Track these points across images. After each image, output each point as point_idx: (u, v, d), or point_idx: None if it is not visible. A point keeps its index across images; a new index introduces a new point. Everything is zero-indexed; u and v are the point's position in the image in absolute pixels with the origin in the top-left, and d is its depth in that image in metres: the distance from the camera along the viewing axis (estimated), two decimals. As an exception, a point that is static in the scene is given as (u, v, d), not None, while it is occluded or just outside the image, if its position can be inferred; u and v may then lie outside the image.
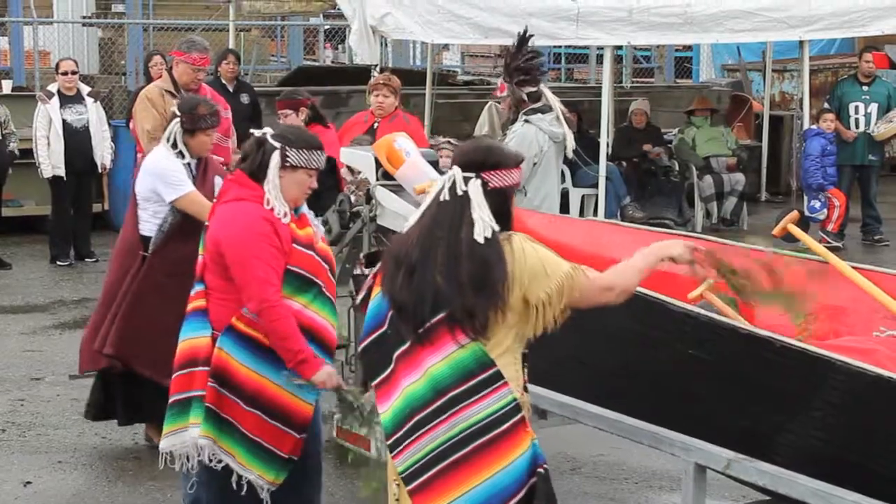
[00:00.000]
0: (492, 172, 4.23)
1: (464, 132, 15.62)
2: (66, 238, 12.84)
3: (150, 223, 7.01)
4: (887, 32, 14.14)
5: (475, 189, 4.18)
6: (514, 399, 4.15)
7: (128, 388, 7.26)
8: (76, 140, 12.52)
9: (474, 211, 4.15)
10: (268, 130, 5.26)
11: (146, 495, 6.88)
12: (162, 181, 6.90)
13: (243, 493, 5.18)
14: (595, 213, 13.42)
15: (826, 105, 14.60)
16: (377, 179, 7.44)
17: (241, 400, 5.12)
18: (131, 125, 9.81)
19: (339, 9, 13.82)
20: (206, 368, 5.15)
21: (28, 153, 12.69)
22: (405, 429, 4.18)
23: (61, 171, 12.48)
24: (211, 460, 5.18)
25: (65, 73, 12.60)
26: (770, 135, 16.83)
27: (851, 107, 14.31)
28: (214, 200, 5.41)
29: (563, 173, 14.18)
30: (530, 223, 6.88)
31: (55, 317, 10.81)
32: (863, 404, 4.61)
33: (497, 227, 4.16)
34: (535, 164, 7.84)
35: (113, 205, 14.39)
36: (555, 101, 8.00)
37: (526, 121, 7.86)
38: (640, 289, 5.30)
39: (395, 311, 4.23)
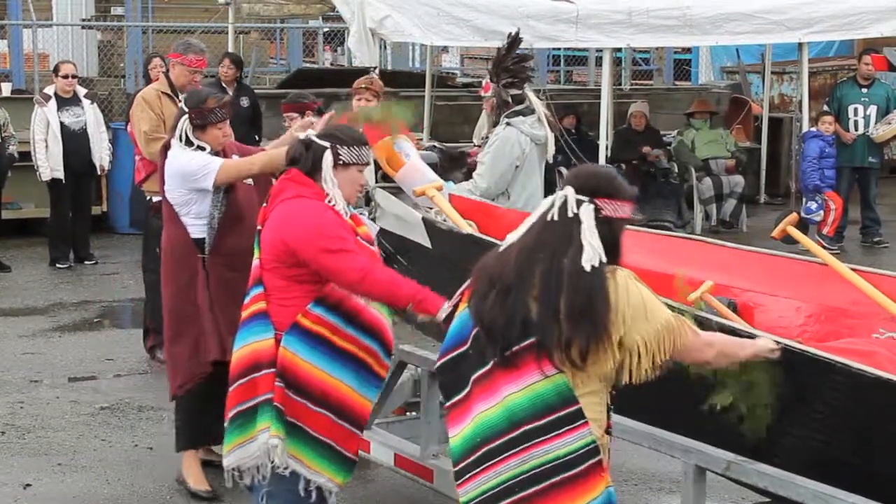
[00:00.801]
0: (606, 200, 3.99)
1: (463, 134, 15.65)
2: (65, 240, 12.84)
3: (196, 225, 6.65)
4: (886, 35, 14.15)
5: (587, 214, 3.95)
6: (594, 441, 3.95)
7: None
8: (74, 142, 12.51)
9: (584, 236, 3.92)
10: (310, 132, 5.19)
11: (146, 498, 6.88)
12: (191, 175, 6.55)
13: (312, 499, 5.01)
14: (594, 215, 13.39)
15: (825, 107, 14.60)
16: (377, 181, 7.44)
17: (308, 400, 4.95)
18: (129, 128, 9.80)
19: (338, 11, 13.80)
20: (271, 370, 4.96)
21: (27, 156, 12.68)
22: (474, 457, 4.00)
23: (60, 174, 12.47)
24: (280, 465, 4.97)
25: (65, 77, 12.59)
26: (769, 137, 16.84)
27: (851, 109, 14.31)
28: (265, 204, 5.19)
29: (562, 175, 14.27)
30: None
31: (54, 319, 10.80)
32: (863, 406, 4.61)
33: (605, 258, 3.92)
34: (517, 166, 7.84)
35: (112, 207, 14.40)
36: (538, 104, 8.00)
37: (507, 123, 7.86)
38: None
39: (481, 330, 4.02)
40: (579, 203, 3.96)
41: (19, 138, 12.84)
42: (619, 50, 17.84)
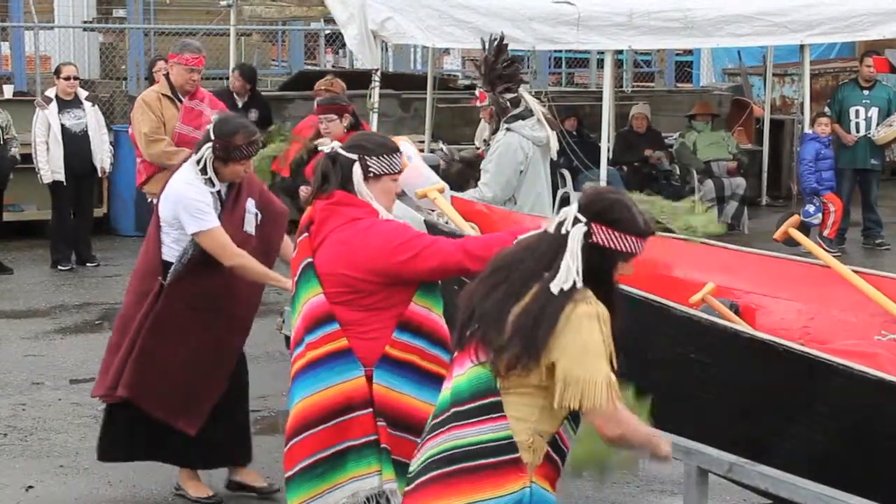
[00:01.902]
0: (603, 227, 3.86)
1: (464, 136, 15.64)
2: (67, 243, 12.84)
3: (172, 248, 6.37)
4: (888, 37, 14.14)
5: (576, 235, 3.85)
6: (509, 436, 3.86)
7: (151, 423, 6.55)
8: (75, 144, 12.51)
9: (565, 258, 3.83)
10: (336, 144, 4.95)
11: (148, 500, 6.88)
12: (185, 210, 6.24)
13: None
14: (596, 217, 13.39)
15: (826, 109, 14.60)
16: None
17: (412, 434, 4.62)
18: (130, 130, 9.80)
19: (339, 14, 13.79)
20: (368, 411, 4.72)
21: (29, 158, 12.68)
22: (426, 430, 4.05)
23: (61, 176, 12.48)
24: None
25: (67, 79, 12.60)
26: (771, 139, 16.84)
27: (852, 111, 14.32)
28: (305, 235, 4.91)
29: (563, 177, 14.30)
30: (532, 228, 6.88)
31: (56, 321, 10.80)
32: (864, 407, 4.62)
33: (579, 284, 3.82)
34: (521, 171, 7.83)
35: (113, 209, 14.41)
36: (534, 105, 7.99)
37: (508, 129, 7.84)
38: (641, 292, 5.32)
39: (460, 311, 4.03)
40: (575, 221, 3.88)
41: (21, 140, 12.84)
42: (621, 52, 17.81)
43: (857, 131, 14.25)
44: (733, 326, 5.11)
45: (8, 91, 15.30)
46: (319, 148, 8.16)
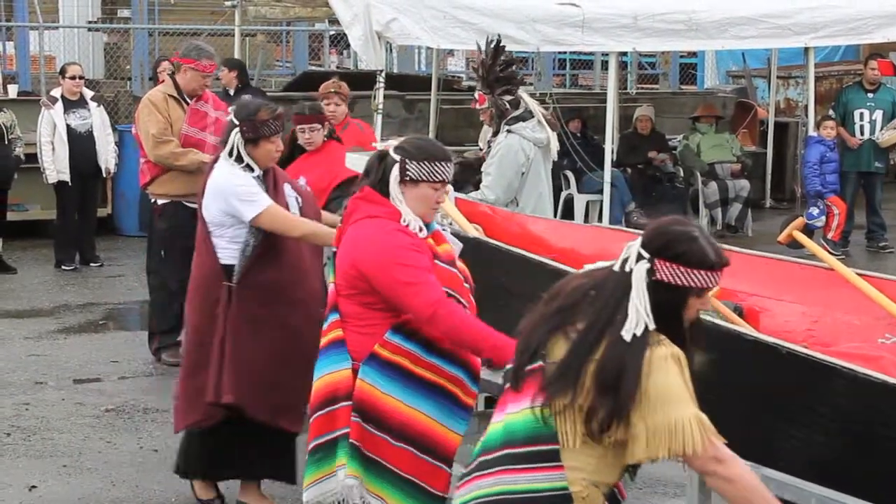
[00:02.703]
0: (667, 263, 3.63)
1: (468, 137, 15.63)
2: (71, 243, 12.85)
3: (228, 250, 6.14)
4: (892, 40, 14.15)
5: (639, 274, 3.64)
6: (565, 488, 3.66)
7: (216, 442, 6.40)
8: (80, 145, 12.52)
9: (632, 300, 3.61)
10: (391, 142, 4.87)
11: (151, 500, 6.88)
12: (237, 198, 6.05)
13: None
14: (600, 219, 13.43)
15: (831, 112, 14.60)
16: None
17: (388, 435, 4.66)
18: (133, 130, 9.76)
19: (344, 15, 13.80)
20: (348, 403, 4.72)
21: (33, 158, 12.70)
22: (474, 464, 3.85)
23: (66, 176, 12.49)
24: None
25: (72, 78, 12.61)
26: (775, 141, 16.85)
27: (856, 114, 14.31)
28: (339, 225, 4.94)
29: (567, 179, 14.30)
30: (536, 229, 6.89)
31: (60, 321, 10.81)
32: (868, 411, 4.61)
33: (651, 326, 3.61)
34: (523, 173, 7.83)
35: (117, 209, 14.42)
36: (534, 105, 7.98)
37: (509, 131, 7.83)
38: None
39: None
40: (639, 258, 3.65)
41: (26, 140, 12.85)
42: (625, 54, 17.84)
43: (862, 134, 14.24)
44: (737, 329, 5.11)
45: (12, 91, 15.31)
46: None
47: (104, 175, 13.00)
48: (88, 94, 12.86)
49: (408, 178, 4.74)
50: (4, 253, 12.79)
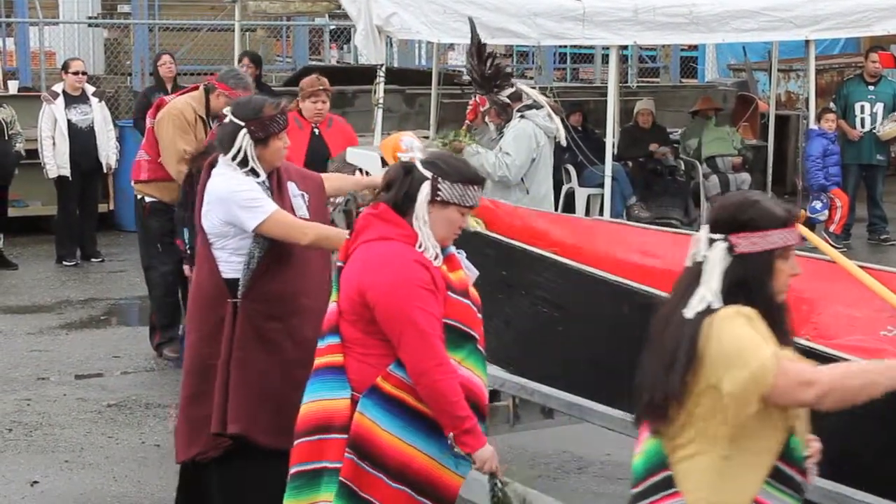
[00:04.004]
0: (742, 235, 3.51)
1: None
2: (72, 238, 12.86)
3: (231, 263, 5.61)
4: (893, 32, 14.11)
5: (718, 253, 3.50)
6: None
7: (225, 475, 5.78)
8: (81, 140, 12.53)
9: (702, 278, 3.48)
10: (416, 154, 4.51)
11: (153, 495, 6.89)
12: (238, 206, 5.53)
13: None
14: (601, 212, 13.42)
15: (831, 105, 14.59)
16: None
17: (385, 475, 4.34)
18: (149, 123, 9.42)
19: (344, 9, 13.80)
20: (343, 436, 4.38)
21: (34, 153, 12.71)
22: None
23: (66, 172, 12.49)
24: None
25: (75, 73, 12.61)
26: (776, 135, 16.80)
27: (857, 106, 14.31)
28: (348, 237, 4.58)
29: (568, 173, 14.29)
30: (538, 224, 6.89)
31: (61, 317, 10.81)
32: (872, 405, 4.60)
33: (718, 303, 3.47)
34: (533, 159, 7.84)
35: (118, 205, 14.41)
36: (538, 96, 8.00)
37: (522, 116, 7.85)
38: (646, 287, 5.31)
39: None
40: (711, 243, 3.53)
41: (26, 136, 12.85)
42: (626, 47, 17.83)
43: (863, 127, 14.25)
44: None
45: (13, 87, 15.31)
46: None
47: (105, 171, 13.00)
48: (90, 89, 12.87)
49: (438, 199, 4.39)
50: (5, 249, 12.80)
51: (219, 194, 5.59)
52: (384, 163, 7.13)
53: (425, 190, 4.38)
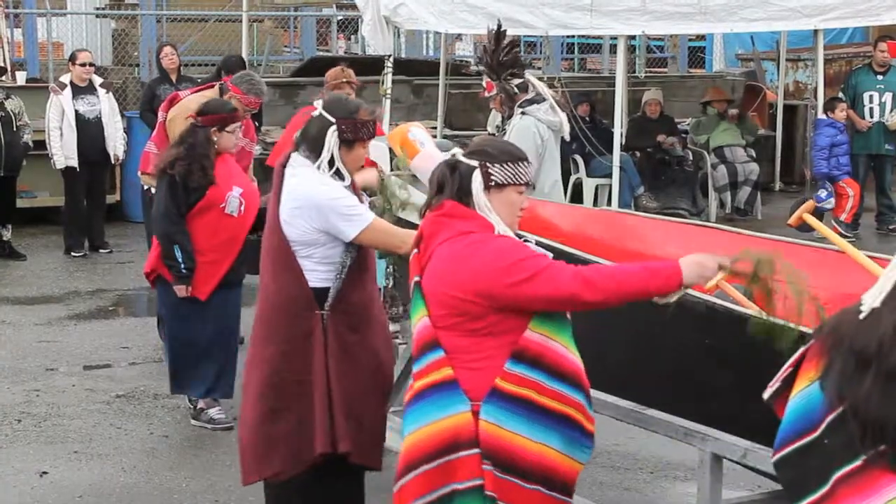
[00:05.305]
0: None
1: (477, 122, 15.63)
2: (80, 229, 12.87)
3: (319, 272, 5.25)
4: (902, 22, 14.11)
5: None
6: None
7: (311, 496, 5.46)
8: (89, 131, 12.53)
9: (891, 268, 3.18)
10: (457, 151, 4.37)
11: (162, 486, 6.89)
12: (337, 214, 5.18)
13: None
14: (609, 203, 13.42)
15: (840, 94, 14.56)
16: (391, 170, 7.42)
17: (519, 477, 4.14)
18: (162, 117, 9.33)
19: (351, -1, 13.83)
20: (473, 451, 4.13)
21: (42, 145, 12.71)
22: None
23: (74, 162, 12.50)
24: None
25: (83, 65, 12.61)
26: (784, 124, 16.81)
27: (866, 96, 14.29)
28: (416, 251, 4.39)
29: (576, 163, 14.29)
30: (544, 213, 6.88)
31: (70, 308, 10.83)
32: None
33: None
34: (539, 154, 7.82)
35: (126, 196, 14.42)
36: (544, 89, 7.97)
37: (523, 113, 7.83)
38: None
39: (855, 421, 3.14)
40: None
41: (34, 127, 12.86)
42: (634, 37, 17.82)
43: (871, 117, 14.23)
44: (748, 312, 5.10)
45: (21, 78, 15.31)
46: None
47: (112, 162, 13.01)
48: (97, 80, 12.87)
49: (493, 184, 4.25)
50: (14, 240, 12.81)
51: (314, 200, 5.19)
52: (392, 153, 7.12)
53: (478, 178, 4.26)
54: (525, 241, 4.49)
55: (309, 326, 5.25)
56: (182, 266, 7.37)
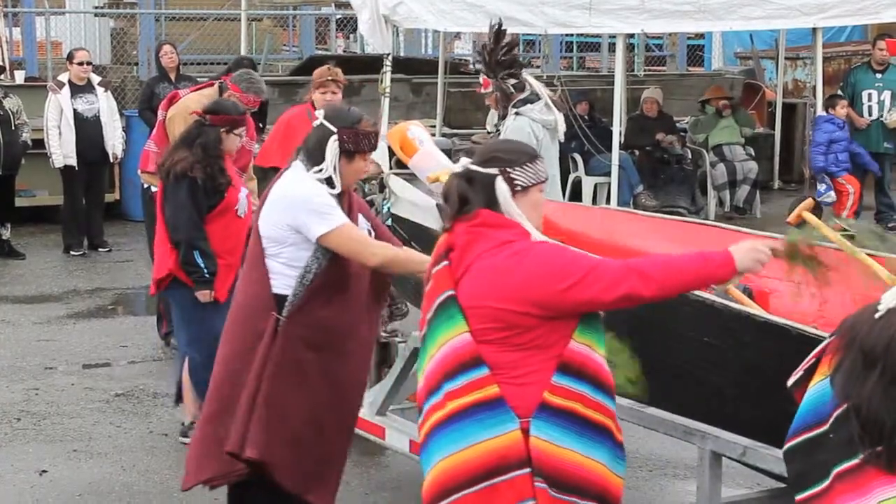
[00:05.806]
0: None
1: (476, 121, 15.63)
2: (79, 228, 12.87)
3: (284, 276, 5.16)
4: (900, 20, 14.12)
5: None
6: None
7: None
8: (87, 130, 12.53)
9: None
10: (463, 160, 4.16)
11: (161, 484, 6.89)
12: (307, 209, 5.08)
13: None
14: (608, 201, 13.42)
15: (839, 93, 14.56)
16: (390, 168, 7.43)
17: (577, 495, 3.97)
18: (161, 116, 9.31)
19: (350, -2, 13.81)
20: (525, 471, 3.93)
21: (40, 143, 12.70)
22: None
23: (73, 161, 12.50)
24: None
25: (80, 64, 12.61)
26: (783, 123, 16.81)
27: (865, 94, 14.29)
28: (446, 263, 4.11)
29: (575, 161, 14.29)
30: (544, 212, 6.87)
31: (69, 306, 10.83)
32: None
33: None
34: None
35: (125, 194, 14.42)
36: (540, 88, 7.96)
37: (517, 113, 7.82)
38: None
39: (855, 418, 3.17)
40: None
41: (32, 126, 12.86)
42: (633, 36, 17.80)
43: (870, 115, 14.23)
44: (747, 310, 5.10)
45: (19, 77, 15.31)
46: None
47: (111, 161, 13.01)
48: (95, 79, 12.86)
49: (518, 188, 4.07)
50: (13, 238, 12.81)
51: (288, 196, 5.16)
52: (391, 152, 7.12)
53: (502, 186, 4.05)
54: None
55: (261, 329, 5.14)
56: (205, 271, 7.13)
